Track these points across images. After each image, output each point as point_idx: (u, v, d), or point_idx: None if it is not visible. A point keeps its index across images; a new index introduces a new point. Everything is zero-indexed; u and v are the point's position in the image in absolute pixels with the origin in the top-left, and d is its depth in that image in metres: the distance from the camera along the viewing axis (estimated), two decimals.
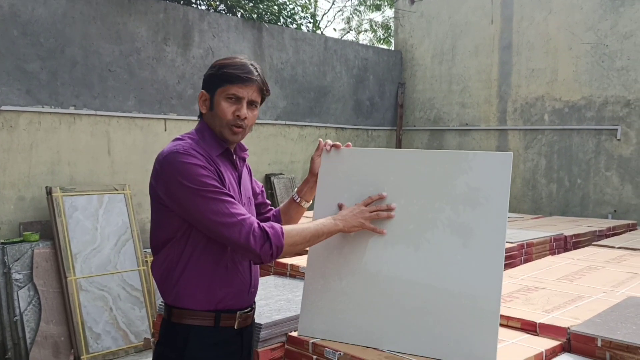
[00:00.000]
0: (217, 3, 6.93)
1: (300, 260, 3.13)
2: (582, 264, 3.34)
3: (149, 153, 5.66)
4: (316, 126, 7.60)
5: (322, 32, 12.84)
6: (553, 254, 4.12)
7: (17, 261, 4.60)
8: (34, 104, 4.94)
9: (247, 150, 2.07)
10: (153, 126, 5.79)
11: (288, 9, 8.29)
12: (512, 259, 3.70)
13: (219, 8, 7.04)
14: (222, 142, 1.90)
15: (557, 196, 7.31)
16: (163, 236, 1.86)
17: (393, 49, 9.31)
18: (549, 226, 4.93)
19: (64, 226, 4.79)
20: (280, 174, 7.10)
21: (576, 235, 4.49)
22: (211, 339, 1.85)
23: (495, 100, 7.88)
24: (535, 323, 2.14)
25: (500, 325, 1.85)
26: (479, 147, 7.99)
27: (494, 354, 1.79)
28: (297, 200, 2.19)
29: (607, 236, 4.84)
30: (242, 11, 6.99)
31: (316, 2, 12.13)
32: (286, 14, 8.10)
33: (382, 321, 1.96)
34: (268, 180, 6.91)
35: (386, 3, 13.48)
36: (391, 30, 13.01)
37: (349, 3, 13.85)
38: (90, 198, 5.04)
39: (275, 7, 7.53)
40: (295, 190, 2.22)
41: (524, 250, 3.89)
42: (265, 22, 6.99)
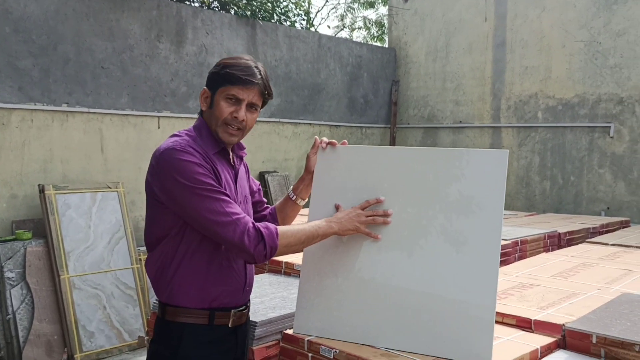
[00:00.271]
0: (211, 0, 6.91)
1: (295, 258, 3.12)
2: (576, 261, 3.35)
3: (142, 151, 5.64)
4: (310, 124, 7.59)
5: (315, 29, 12.83)
6: (547, 251, 4.13)
7: (10, 259, 4.57)
8: (26, 102, 4.91)
9: (245, 149, 2.06)
10: (146, 124, 5.76)
11: (282, 6, 8.27)
12: (506, 256, 3.71)
13: (213, 5, 7.02)
14: (219, 140, 1.89)
15: (550, 193, 7.34)
16: (158, 233, 1.85)
17: (387, 46, 9.31)
18: (542, 223, 4.94)
19: (57, 224, 4.76)
20: (274, 171, 7.09)
21: (570, 233, 4.51)
22: (205, 337, 1.85)
23: (489, 98, 7.89)
24: (530, 320, 2.14)
25: (495, 322, 1.85)
26: (472, 145, 8.00)
27: (489, 351, 1.80)
28: (293, 198, 2.19)
29: (601, 233, 4.85)
30: (235, 8, 6.97)
31: None
32: (280, 11, 8.09)
33: (378, 319, 1.96)
34: (262, 178, 6.90)
35: (380, 0, 13.48)
36: (385, 27, 13.01)
37: (343, 0, 13.84)
38: (83, 196, 5.01)
39: (269, 4, 7.51)
40: (291, 188, 2.21)
41: (518, 247, 3.90)
42: (259, 19, 6.97)
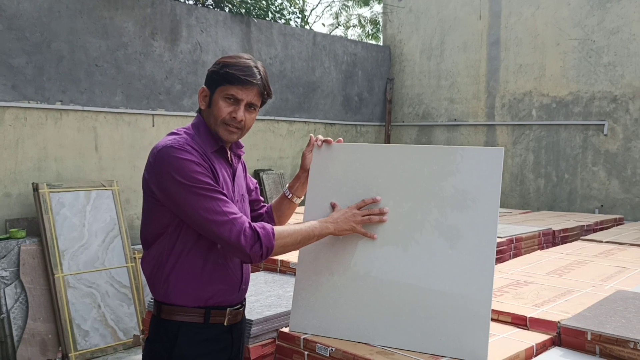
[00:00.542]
0: None
1: (290, 257, 3.12)
2: (570, 258, 3.36)
3: (136, 149, 5.62)
4: (305, 122, 7.59)
5: (310, 27, 12.82)
6: (542, 248, 4.15)
7: (4, 258, 4.55)
8: (19, 100, 4.88)
9: (243, 147, 2.06)
10: (141, 122, 5.74)
11: (276, 4, 8.26)
12: (501, 253, 3.72)
13: (207, 3, 7.00)
14: (218, 139, 1.89)
15: (544, 191, 7.36)
16: (154, 230, 1.85)
17: (382, 44, 9.31)
18: (537, 221, 4.96)
19: (51, 223, 4.74)
20: (269, 169, 7.08)
21: (564, 230, 4.53)
22: (201, 336, 1.84)
23: (484, 96, 7.91)
24: (526, 317, 2.15)
25: (490, 319, 1.85)
26: (467, 143, 8.02)
27: (485, 348, 1.80)
28: (289, 197, 2.18)
29: (595, 231, 4.88)
30: (230, 6, 6.95)
31: None
32: (274, 8, 8.07)
33: (374, 317, 1.96)
34: (257, 176, 6.89)
35: None
36: (380, 25, 13.01)
37: None
38: (77, 194, 4.99)
39: (264, 2, 7.49)
40: (287, 186, 2.21)
41: (513, 245, 3.92)
42: (254, 17, 6.95)
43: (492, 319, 2.07)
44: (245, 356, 2.14)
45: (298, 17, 10.42)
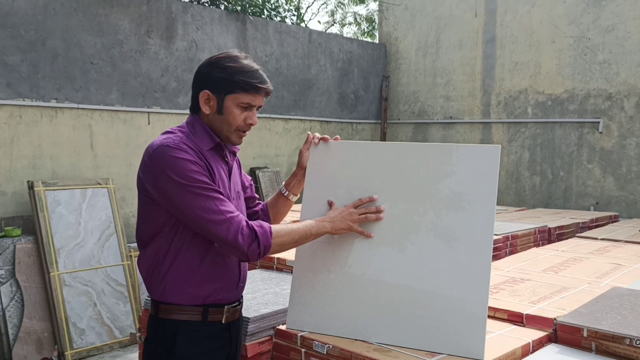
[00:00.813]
0: None
1: (287, 254, 3.10)
2: (566, 255, 3.37)
3: (132, 147, 5.61)
4: (301, 119, 7.58)
5: (306, 25, 12.80)
6: (537, 245, 4.16)
7: None
8: (14, 97, 4.86)
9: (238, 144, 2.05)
10: (136, 120, 5.73)
11: (272, 2, 8.23)
12: (497, 250, 3.73)
13: (202, 0, 6.98)
14: (214, 137, 1.88)
15: (540, 188, 7.38)
16: (150, 230, 1.84)
17: (377, 42, 9.30)
18: (532, 218, 4.97)
19: (47, 221, 4.73)
20: (265, 167, 7.07)
21: (560, 227, 4.54)
22: (199, 334, 1.84)
23: (479, 94, 7.92)
24: (522, 314, 2.16)
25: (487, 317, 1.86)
26: (463, 140, 8.03)
27: (482, 345, 1.81)
28: (285, 194, 2.18)
29: (590, 228, 4.89)
30: (225, 3, 6.94)
31: None
32: (270, 6, 8.04)
33: (371, 314, 1.96)
34: (253, 174, 6.89)
35: None
36: (375, 23, 13.01)
37: None
38: (73, 192, 4.98)
39: (259, 0, 7.48)
40: (283, 183, 2.21)
41: (508, 242, 3.93)
42: (249, 14, 6.94)
43: (489, 316, 2.07)
44: (242, 354, 2.14)
45: (294, 15, 10.40)
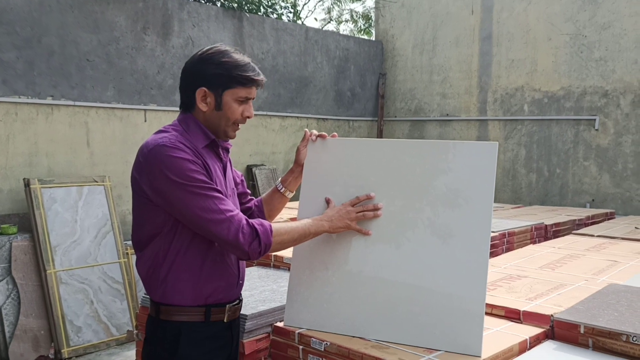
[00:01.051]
0: None
1: (284, 252, 3.10)
2: (563, 252, 3.38)
3: (128, 144, 5.59)
4: (297, 117, 7.57)
5: (302, 22, 12.78)
6: (534, 242, 4.17)
7: None
8: (10, 94, 4.84)
9: (230, 140, 2.02)
10: (133, 117, 5.71)
11: None
12: (494, 247, 3.73)
13: None
14: (208, 134, 1.86)
15: (536, 186, 7.39)
16: (148, 232, 1.81)
17: (374, 39, 9.30)
18: (529, 215, 4.98)
19: (43, 218, 4.72)
20: (262, 164, 7.07)
21: (556, 224, 4.55)
22: (202, 334, 1.82)
23: (476, 91, 7.92)
24: (519, 311, 2.16)
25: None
26: (459, 138, 8.03)
27: (479, 342, 1.81)
28: (281, 190, 2.17)
29: (586, 225, 4.90)
30: (222, 0, 6.92)
31: None
32: (267, 3, 8.02)
33: (368, 311, 1.96)
34: (250, 172, 6.88)
35: None
36: (372, 20, 12.99)
37: None
38: (69, 190, 4.97)
39: None
40: (279, 180, 2.20)
41: (505, 239, 3.93)
42: (246, 11, 6.92)
43: (486, 313, 2.08)
44: (239, 351, 2.14)
45: (290, 12, 10.38)
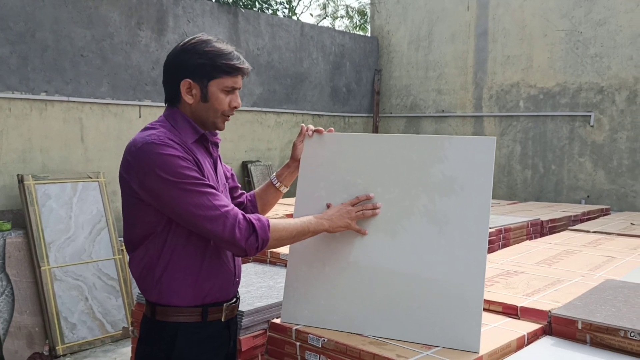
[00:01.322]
0: None
1: (280, 248, 3.10)
2: (559, 248, 3.38)
3: (123, 140, 5.56)
4: (293, 113, 7.55)
5: (298, 17, 12.75)
6: (530, 238, 4.17)
7: None
8: (3, 90, 4.80)
9: (218, 134, 1.98)
10: (127, 113, 5.68)
11: None
12: (490, 243, 3.74)
13: None
14: (197, 128, 1.81)
15: (532, 182, 7.40)
16: (141, 232, 1.76)
17: (369, 35, 9.28)
18: (525, 211, 4.99)
19: (37, 215, 4.69)
20: (257, 161, 7.05)
21: (552, 220, 4.56)
22: (200, 335, 1.79)
23: (471, 87, 7.92)
24: (517, 307, 2.16)
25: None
26: (455, 134, 8.03)
27: (477, 338, 1.80)
28: (276, 185, 2.14)
29: (582, 221, 4.92)
30: None
31: None
32: None
33: (366, 307, 1.95)
34: (245, 168, 6.86)
35: None
36: (367, 16, 12.98)
37: None
38: (63, 186, 4.93)
39: None
40: (275, 174, 2.16)
41: (501, 235, 3.94)
42: (241, 7, 6.89)
43: (484, 309, 2.07)
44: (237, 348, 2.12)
45: (285, 8, 10.35)
